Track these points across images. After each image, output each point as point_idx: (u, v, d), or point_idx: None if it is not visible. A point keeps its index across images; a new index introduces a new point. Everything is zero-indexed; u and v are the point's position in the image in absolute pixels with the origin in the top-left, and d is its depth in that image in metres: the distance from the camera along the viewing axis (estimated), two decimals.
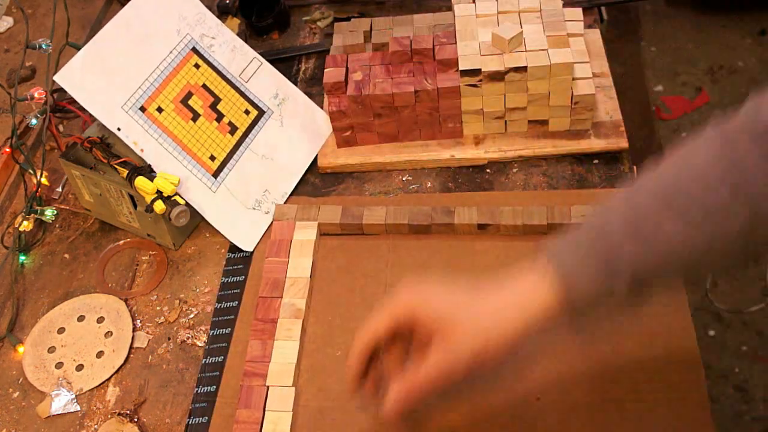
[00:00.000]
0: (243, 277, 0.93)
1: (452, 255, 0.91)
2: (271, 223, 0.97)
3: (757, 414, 1.56)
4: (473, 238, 0.92)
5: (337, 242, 0.94)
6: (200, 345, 0.89)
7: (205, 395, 0.84)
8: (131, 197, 0.94)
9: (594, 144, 0.98)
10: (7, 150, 1.06)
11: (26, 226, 1.00)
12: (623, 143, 0.98)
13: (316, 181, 1.02)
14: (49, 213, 1.01)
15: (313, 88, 1.13)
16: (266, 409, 0.80)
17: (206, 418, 0.82)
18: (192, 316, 0.92)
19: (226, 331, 0.88)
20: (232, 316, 0.89)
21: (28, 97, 1.03)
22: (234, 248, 0.96)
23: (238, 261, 0.95)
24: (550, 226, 0.90)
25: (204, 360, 0.87)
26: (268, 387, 0.82)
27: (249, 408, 0.80)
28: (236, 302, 0.91)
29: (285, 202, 0.99)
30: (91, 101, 0.91)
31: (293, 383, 0.82)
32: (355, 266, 0.92)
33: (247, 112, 1.00)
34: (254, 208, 0.97)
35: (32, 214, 1.00)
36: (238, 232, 0.96)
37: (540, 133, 1.00)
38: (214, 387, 0.84)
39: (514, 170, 0.99)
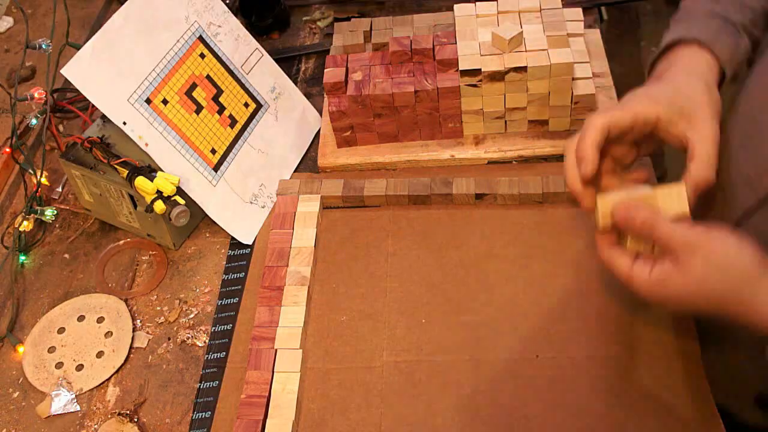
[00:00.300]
0: (243, 273, 0.93)
1: (451, 224, 0.94)
2: (270, 212, 0.98)
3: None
4: (471, 208, 0.95)
5: (339, 214, 0.97)
6: (200, 345, 0.89)
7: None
8: (131, 197, 0.94)
9: None
10: (7, 150, 1.06)
11: (26, 226, 1.00)
12: None
13: None
14: (49, 213, 1.01)
15: (313, 88, 1.13)
16: (275, 370, 0.82)
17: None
18: (192, 316, 0.92)
19: (227, 327, 0.89)
20: (233, 313, 0.90)
21: (28, 97, 1.03)
22: (235, 245, 0.96)
23: (240, 258, 0.95)
24: (544, 195, 0.93)
25: (207, 356, 0.87)
26: (276, 350, 0.84)
27: (258, 369, 0.82)
28: (237, 299, 0.91)
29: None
30: (98, 95, 0.90)
31: (300, 346, 0.84)
32: (357, 237, 0.95)
33: (246, 105, 1.00)
34: (251, 202, 0.97)
35: (32, 214, 1.01)
36: (238, 226, 0.96)
37: (540, 133, 1.00)
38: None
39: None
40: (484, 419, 0.78)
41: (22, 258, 1.00)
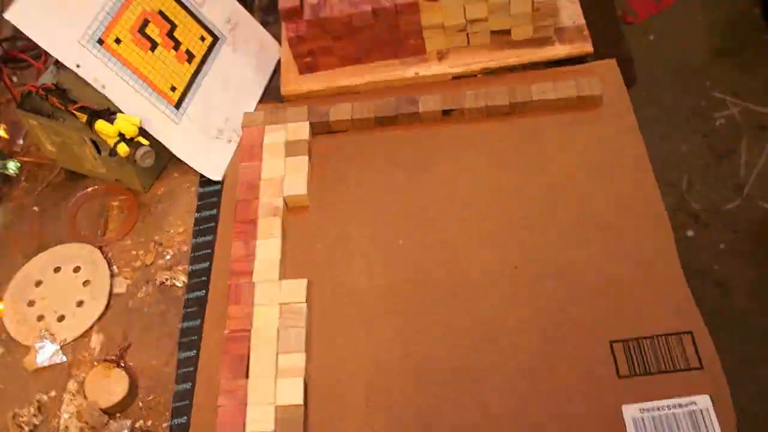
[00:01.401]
0: (216, 210, 0.92)
1: (419, 143, 0.93)
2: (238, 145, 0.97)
3: (741, 306, 1.59)
4: (439, 125, 0.94)
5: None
6: (179, 285, 0.88)
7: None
8: (94, 143, 0.92)
9: (558, 50, 0.97)
10: None
11: None
12: (588, 47, 0.96)
13: None
14: (12, 166, 0.99)
15: (270, 16, 1.10)
16: (255, 303, 0.82)
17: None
18: (168, 257, 0.91)
19: (205, 265, 0.88)
20: (209, 250, 0.89)
21: None
22: (204, 183, 0.95)
23: (211, 195, 0.94)
24: (512, 106, 0.92)
25: (187, 295, 0.87)
26: (254, 283, 0.84)
27: (239, 304, 0.83)
28: (212, 236, 0.91)
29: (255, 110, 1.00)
30: (46, 38, 0.87)
31: (279, 277, 0.84)
32: (326, 162, 0.94)
33: (202, 38, 0.98)
34: (217, 137, 0.96)
35: None
36: (205, 162, 0.95)
37: (504, 43, 0.98)
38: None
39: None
40: (465, 333, 0.79)
41: None
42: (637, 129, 0.89)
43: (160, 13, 0.95)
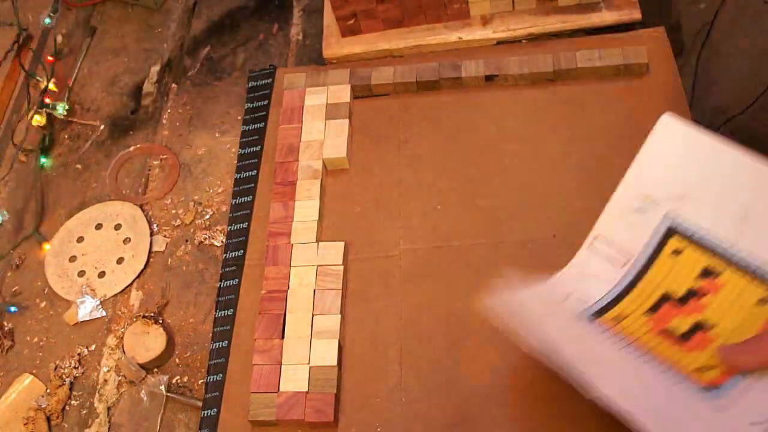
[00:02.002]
0: (255, 171, 0.92)
1: (461, 109, 0.92)
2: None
3: None
4: (481, 90, 0.93)
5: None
6: (218, 245, 0.89)
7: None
8: None
9: (605, 17, 0.94)
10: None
11: (39, 120, 1.00)
12: (636, 14, 0.94)
13: None
14: (60, 108, 1.00)
15: None
16: (292, 264, 0.83)
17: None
18: (207, 216, 0.92)
19: (243, 226, 0.89)
20: (248, 211, 0.89)
21: None
22: (244, 144, 0.94)
23: (250, 156, 0.94)
24: (556, 73, 0.91)
25: (225, 255, 0.87)
26: (292, 244, 0.84)
27: (276, 265, 0.83)
28: (251, 197, 0.90)
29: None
30: None
31: (316, 239, 0.84)
32: (367, 126, 0.93)
33: None
34: None
35: (44, 109, 0.99)
36: None
37: (549, 9, 0.96)
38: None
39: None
40: None
41: (43, 159, 0.99)
42: (684, 99, 0.87)
43: None
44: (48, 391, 0.83)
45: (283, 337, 0.79)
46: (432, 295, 0.80)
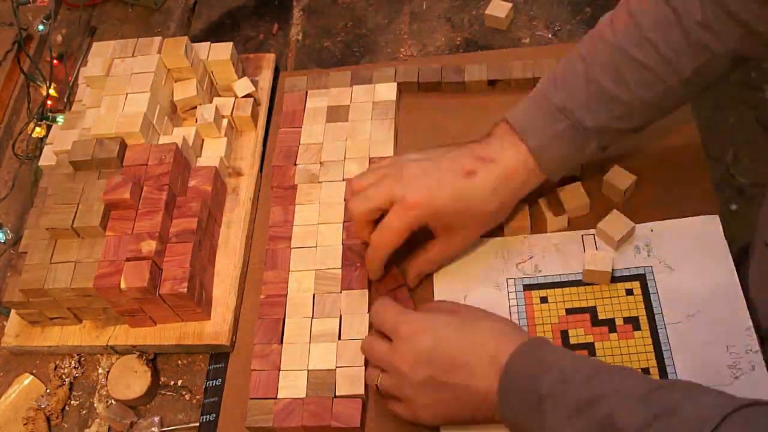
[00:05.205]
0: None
1: (464, 113, 0.92)
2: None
3: None
4: (485, 94, 0.92)
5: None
6: None
7: None
8: None
9: None
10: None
11: (39, 132, 0.99)
12: None
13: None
14: (60, 119, 0.99)
15: None
16: (290, 269, 0.82)
17: None
18: None
19: None
20: None
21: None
22: None
23: None
24: None
25: None
26: (291, 249, 0.84)
27: (275, 269, 0.83)
28: None
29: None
30: None
31: (316, 244, 0.84)
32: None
33: None
34: None
35: (44, 121, 0.99)
36: None
37: None
38: None
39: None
40: None
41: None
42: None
43: None
44: (48, 391, 0.83)
45: (282, 342, 0.79)
46: None
